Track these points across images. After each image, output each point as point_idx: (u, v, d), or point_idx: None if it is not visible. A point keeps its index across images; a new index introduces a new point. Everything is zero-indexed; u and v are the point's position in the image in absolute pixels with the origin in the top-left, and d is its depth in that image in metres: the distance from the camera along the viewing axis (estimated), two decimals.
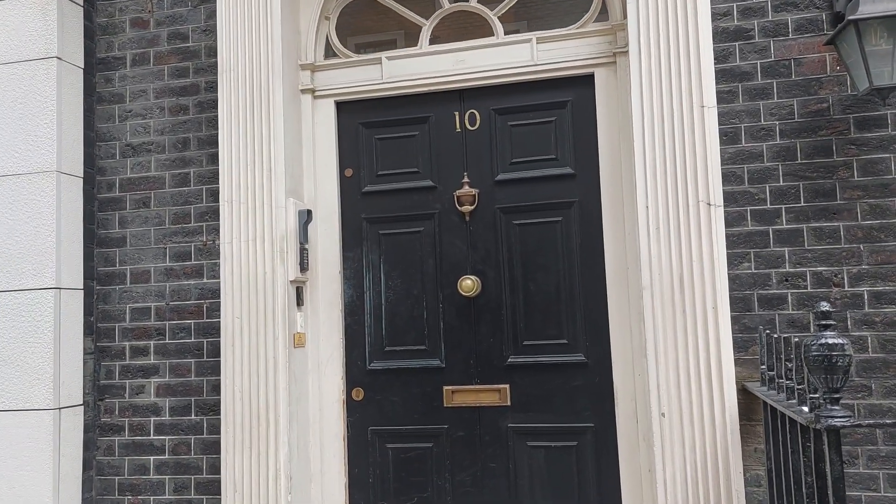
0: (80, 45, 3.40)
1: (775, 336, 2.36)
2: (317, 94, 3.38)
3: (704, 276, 2.73)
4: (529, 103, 3.22)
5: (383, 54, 3.32)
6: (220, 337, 3.20)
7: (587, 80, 3.15)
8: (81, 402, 3.30)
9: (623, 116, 3.04)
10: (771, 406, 2.35)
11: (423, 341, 3.26)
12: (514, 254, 3.19)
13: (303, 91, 3.36)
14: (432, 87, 3.27)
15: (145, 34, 3.50)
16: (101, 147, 3.51)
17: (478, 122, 3.26)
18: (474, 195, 3.22)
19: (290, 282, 3.14)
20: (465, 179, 3.23)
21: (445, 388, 3.21)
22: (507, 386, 3.15)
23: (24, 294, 3.19)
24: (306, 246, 3.23)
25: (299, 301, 3.22)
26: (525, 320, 3.16)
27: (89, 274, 3.42)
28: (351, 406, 3.31)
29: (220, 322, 3.20)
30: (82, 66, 3.40)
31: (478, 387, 3.19)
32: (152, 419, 3.37)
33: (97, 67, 3.54)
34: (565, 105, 3.18)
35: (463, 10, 3.32)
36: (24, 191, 3.22)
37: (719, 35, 2.93)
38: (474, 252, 3.23)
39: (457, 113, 3.28)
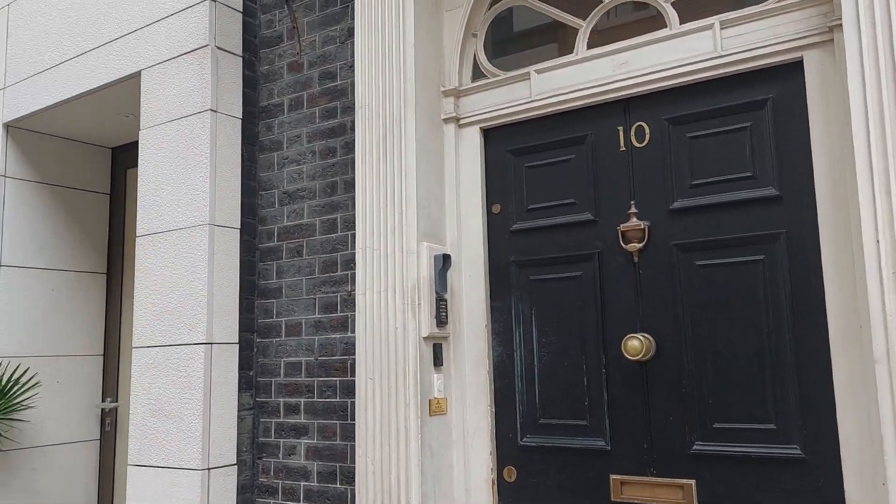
0: (239, 96, 3.38)
1: None
2: (461, 122, 2.95)
3: None
4: (714, 107, 2.46)
5: (532, 68, 2.79)
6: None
7: (794, 69, 2.32)
8: (234, 462, 3.18)
9: (848, 114, 2.15)
10: None
11: (583, 415, 2.61)
12: (698, 305, 2.43)
13: (445, 120, 2.96)
14: (589, 101, 2.67)
15: (300, 77, 3.38)
16: (263, 196, 3.45)
17: (647, 136, 2.58)
18: (644, 229, 2.53)
19: (424, 338, 2.72)
20: (632, 210, 2.56)
21: (612, 476, 2.52)
22: (693, 482, 2.38)
23: (181, 349, 3.18)
24: (445, 296, 2.79)
25: (437, 360, 2.78)
26: (714, 395, 2.37)
27: (249, 326, 3.34)
28: (502, 488, 2.76)
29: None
30: (240, 117, 3.37)
31: (654, 479, 2.45)
32: (302, 484, 3.14)
33: (260, 116, 3.50)
34: (764, 105, 2.37)
35: (627, 0, 2.68)
36: (183, 245, 3.23)
37: None
38: (644, 302, 2.52)
39: (620, 128, 2.63)
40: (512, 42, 3.00)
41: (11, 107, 4.16)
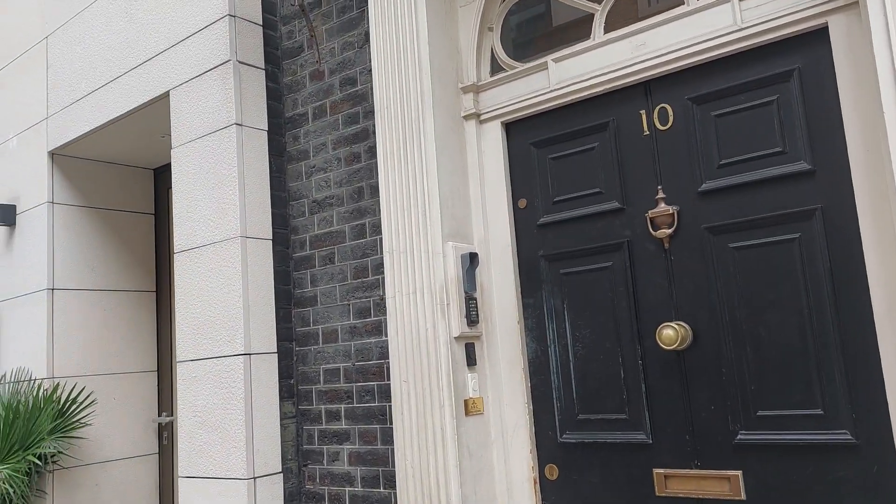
0: (263, 108, 3.41)
1: None
2: (482, 118, 2.92)
3: None
4: (738, 82, 2.36)
5: (549, 57, 2.74)
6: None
7: (819, 36, 2.21)
8: (280, 471, 3.21)
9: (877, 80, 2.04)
10: None
11: (622, 408, 2.54)
12: (734, 289, 2.33)
13: (466, 117, 2.92)
14: (609, 86, 2.59)
15: (322, 85, 3.40)
16: (293, 206, 3.47)
17: (670, 118, 2.49)
18: (673, 214, 2.45)
19: (455, 338, 2.69)
20: (660, 195, 2.48)
21: (655, 470, 2.45)
22: (739, 473, 2.28)
23: (221, 361, 3.22)
24: (474, 295, 2.75)
25: (470, 360, 2.75)
26: (757, 381, 2.27)
27: (286, 335, 3.36)
28: (545, 487, 2.71)
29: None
30: (266, 129, 3.41)
31: (698, 472, 2.37)
32: (347, 489, 3.15)
33: (286, 127, 3.53)
34: (790, 76, 2.27)
35: None
36: (217, 259, 3.28)
37: None
38: (679, 290, 2.44)
39: (642, 112, 2.55)
40: (529, 32, 2.95)
41: (55, 135, 4.30)
